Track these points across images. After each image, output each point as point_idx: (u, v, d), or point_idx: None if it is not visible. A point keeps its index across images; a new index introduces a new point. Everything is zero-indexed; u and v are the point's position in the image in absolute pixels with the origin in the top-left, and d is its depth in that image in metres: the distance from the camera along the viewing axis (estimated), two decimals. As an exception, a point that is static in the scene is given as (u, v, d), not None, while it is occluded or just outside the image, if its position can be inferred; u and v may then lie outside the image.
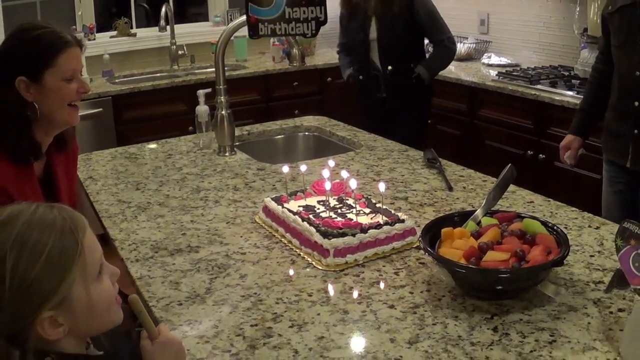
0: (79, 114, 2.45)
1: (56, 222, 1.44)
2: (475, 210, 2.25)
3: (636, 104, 3.20)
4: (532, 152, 4.77)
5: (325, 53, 6.95)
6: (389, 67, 4.61)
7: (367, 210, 2.43)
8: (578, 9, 5.02)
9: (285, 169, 2.75)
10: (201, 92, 3.67)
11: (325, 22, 3.21)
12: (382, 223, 2.30)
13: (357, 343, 1.82)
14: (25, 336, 1.40)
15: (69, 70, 2.32)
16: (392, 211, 2.43)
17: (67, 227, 1.44)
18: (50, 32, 2.31)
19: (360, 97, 4.95)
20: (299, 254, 2.33)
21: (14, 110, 2.29)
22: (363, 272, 2.19)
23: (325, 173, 2.54)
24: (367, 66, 4.72)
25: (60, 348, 1.46)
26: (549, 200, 2.72)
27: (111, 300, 1.54)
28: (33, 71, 2.28)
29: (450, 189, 2.88)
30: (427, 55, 4.84)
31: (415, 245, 2.33)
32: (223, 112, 3.51)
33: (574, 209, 2.63)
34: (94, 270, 1.48)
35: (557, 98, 4.54)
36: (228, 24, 3.57)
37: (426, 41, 4.90)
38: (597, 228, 2.45)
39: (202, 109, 3.66)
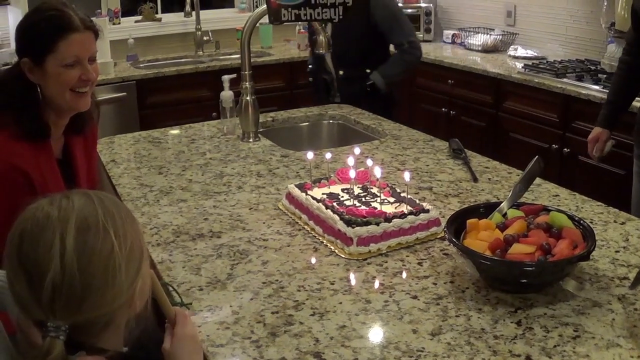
0: (101, 97, 2.43)
1: (117, 201, 1.52)
2: (501, 202, 2.23)
3: None
4: (556, 146, 4.73)
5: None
6: (341, 72, 4.36)
7: (392, 200, 2.42)
8: (606, 3, 4.97)
9: (310, 155, 2.73)
10: (226, 78, 3.66)
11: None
12: (406, 213, 2.28)
13: (379, 333, 1.81)
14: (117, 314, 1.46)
15: (70, 57, 2.29)
16: (417, 201, 2.41)
17: (127, 207, 1.55)
18: (58, 15, 2.28)
19: (315, 97, 4.69)
20: (322, 242, 2.32)
21: (20, 88, 2.30)
22: (386, 262, 2.17)
23: (350, 161, 2.52)
24: (320, 67, 4.50)
25: (106, 339, 1.48)
26: (574, 194, 2.69)
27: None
28: (35, 54, 2.27)
29: (475, 180, 2.86)
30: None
31: (439, 236, 2.32)
32: (248, 98, 3.49)
33: (599, 203, 2.60)
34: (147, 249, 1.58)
35: (583, 92, 4.49)
36: (253, 11, 3.54)
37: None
38: (623, 223, 2.42)
39: (227, 94, 3.65)
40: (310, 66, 4.69)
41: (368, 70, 4.28)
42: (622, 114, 3.67)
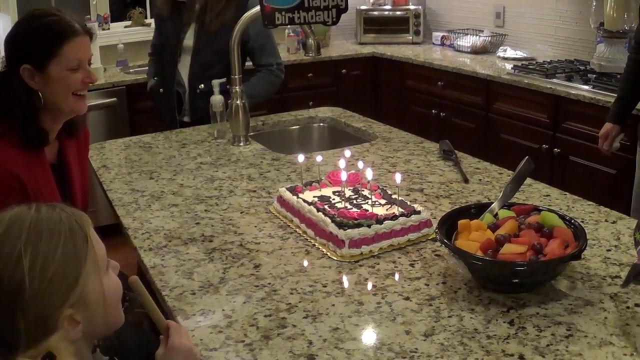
0: (92, 102, 2.45)
1: (62, 218, 1.45)
2: (492, 203, 2.23)
3: None
4: (547, 146, 4.74)
5: (341, 44, 6.93)
6: (201, 86, 3.93)
7: (383, 202, 2.42)
8: (594, 3, 4.97)
9: (301, 158, 2.73)
10: (216, 82, 3.65)
11: (346, 9, 3.12)
12: (397, 214, 2.28)
13: (372, 335, 1.81)
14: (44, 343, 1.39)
15: (75, 60, 2.31)
16: (408, 202, 2.41)
17: (74, 222, 1.45)
18: (58, 20, 2.30)
19: (159, 115, 4.24)
20: (314, 245, 2.32)
21: (19, 97, 2.30)
22: (378, 264, 2.17)
23: (341, 163, 2.52)
24: (171, 80, 4.04)
25: (68, 354, 1.45)
26: (565, 194, 2.70)
27: (120, 293, 1.55)
28: (38, 60, 2.28)
29: (466, 181, 2.86)
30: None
31: (430, 237, 2.32)
32: (238, 102, 3.49)
33: (590, 202, 2.61)
34: (103, 263, 1.50)
35: (573, 92, 4.50)
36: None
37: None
38: (614, 222, 2.43)
39: (217, 98, 3.64)
40: (154, 78, 4.21)
41: (229, 87, 3.64)
42: (632, 109, 3.78)
